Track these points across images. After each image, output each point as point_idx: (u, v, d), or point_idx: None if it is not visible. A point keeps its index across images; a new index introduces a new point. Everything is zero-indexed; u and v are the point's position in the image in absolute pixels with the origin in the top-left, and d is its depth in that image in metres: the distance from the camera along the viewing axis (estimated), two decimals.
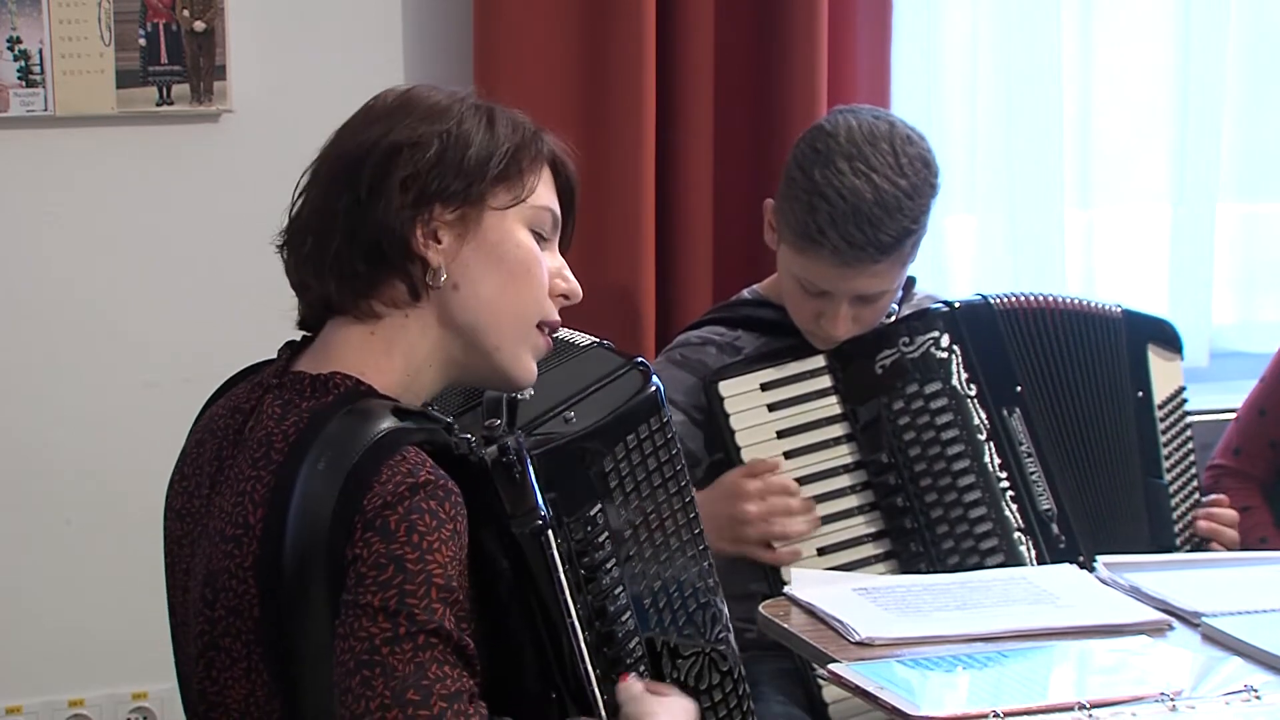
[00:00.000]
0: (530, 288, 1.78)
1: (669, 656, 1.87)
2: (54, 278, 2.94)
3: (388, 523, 1.57)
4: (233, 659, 1.67)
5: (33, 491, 2.96)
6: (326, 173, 1.76)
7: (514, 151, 1.77)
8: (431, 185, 1.72)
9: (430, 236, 1.72)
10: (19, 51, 2.82)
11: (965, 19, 3.34)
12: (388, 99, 1.79)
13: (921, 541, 2.48)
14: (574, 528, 1.77)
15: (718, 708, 1.92)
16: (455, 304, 1.74)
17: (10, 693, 2.95)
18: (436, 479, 1.61)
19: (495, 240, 1.75)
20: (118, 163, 2.93)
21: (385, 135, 1.73)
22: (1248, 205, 3.57)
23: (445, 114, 1.75)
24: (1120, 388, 2.65)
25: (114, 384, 2.96)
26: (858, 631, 2.12)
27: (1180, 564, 2.50)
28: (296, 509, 1.60)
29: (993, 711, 1.89)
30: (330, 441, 1.62)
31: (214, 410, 1.82)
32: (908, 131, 2.50)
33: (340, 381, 1.70)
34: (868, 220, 2.41)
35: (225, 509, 1.69)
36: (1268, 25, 3.49)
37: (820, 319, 2.50)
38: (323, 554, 1.58)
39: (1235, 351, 3.52)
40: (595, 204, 3.01)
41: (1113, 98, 3.46)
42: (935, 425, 2.51)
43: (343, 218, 1.72)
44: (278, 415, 1.70)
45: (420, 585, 1.57)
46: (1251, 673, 2.05)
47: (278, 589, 1.61)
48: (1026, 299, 2.62)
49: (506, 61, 2.95)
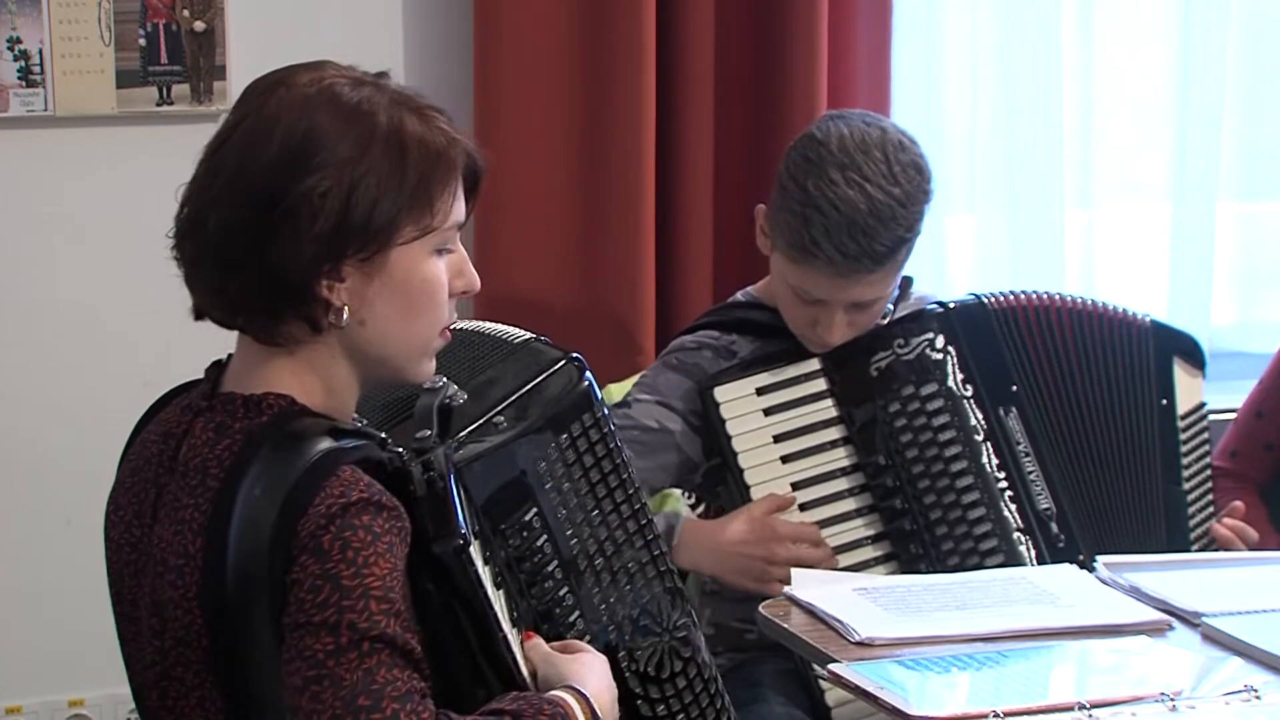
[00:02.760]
0: (434, 313, 1.75)
1: (625, 649, 1.87)
2: (54, 277, 2.94)
3: (321, 543, 1.58)
4: (186, 688, 1.67)
5: (33, 491, 2.96)
6: (231, 195, 1.68)
7: (423, 183, 1.70)
8: (343, 236, 1.67)
9: (335, 278, 1.69)
10: (19, 51, 2.82)
11: (965, 19, 3.35)
12: (298, 93, 1.69)
13: (921, 543, 2.48)
14: (510, 534, 1.77)
15: (682, 694, 1.91)
16: (361, 338, 1.72)
17: (10, 693, 2.95)
18: (370, 496, 1.61)
19: (401, 277, 1.71)
20: (118, 163, 2.93)
21: (292, 178, 1.65)
22: (1247, 205, 3.57)
23: (359, 134, 1.67)
24: (1144, 393, 2.63)
25: (113, 383, 2.96)
26: (858, 632, 2.12)
27: (1180, 564, 2.50)
28: (236, 535, 1.60)
29: (993, 711, 1.89)
30: (266, 466, 1.62)
31: (144, 437, 1.80)
32: (900, 137, 2.47)
33: (274, 402, 1.69)
34: (862, 231, 2.39)
35: (166, 538, 1.68)
36: (1267, 25, 3.49)
37: (816, 326, 2.49)
38: (264, 579, 1.58)
39: (1234, 351, 3.52)
40: (595, 205, 3.02)
41: (1113, 98, 3.47)
42: (932, 427, 2.50)
43: (249, 255, 1.67)
44: (211, 439, 1.69)
45: (359, 599, 1.57)
46: (1251, 673, 2.04)
47: (222, 617, 1.61)
48: (1022, 297, 2.61)
49: (507, 62, 2.96)
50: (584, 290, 3.04)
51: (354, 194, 1.67)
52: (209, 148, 1.74)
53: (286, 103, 1.70)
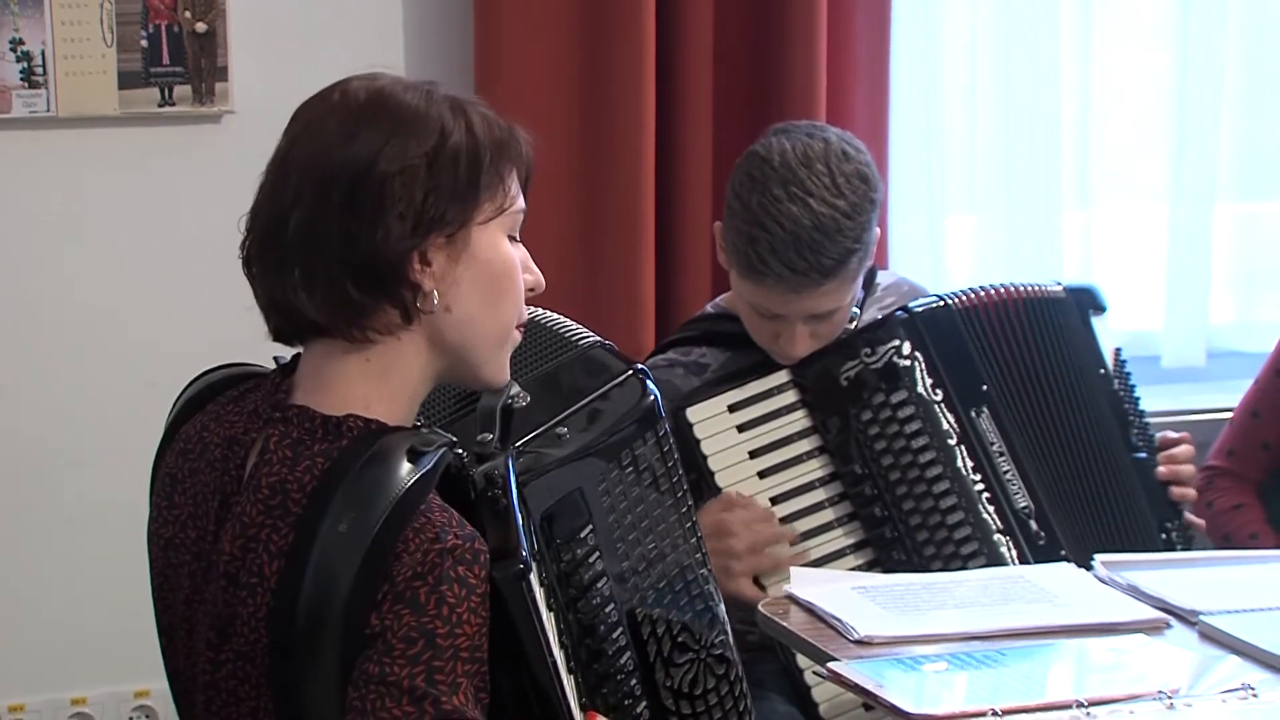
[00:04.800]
0: (513, 298, 1.75)
1: (662, 666, 1.85)
2: (56, 277, 2.94)
3: (418, 595, 1.56)
4: (237, 698, 1.66)
5: (33, 491, 2.96)
6: (312, 189, 1.68)
7: (494, 162, 1.72)
8: (428, 214, 1.68)
9: (423, 261, 1.69)
10: (21, 53, 2.83)
11: (965, 20, 3.35)
12: (358, 95, 1.71)
13: (903, 549, 2.47)
14: (564, 549, 1.74)
15: (713, 710, 1.91)
16: (447, 326, 1.71)
17: (13, 691, 2.96)
18: (462, 541, 1.59)
19: (484, 258, 1.72)
20: (120, 163, 2.94)
21: (376, 156, 1.67)
22: (1245, 205, 3.58)
23: (425, 123, 1.70)
24: (1086, 370, 2.62)
25: (115, 384, 2.97)
26: (857, 630, 2.12)
27: (1177, 563, 2.50)
28: (315, 568, 1.58)
29: (991, 710, 1.90)
30: (351, 499, 1.60)
31: (199, 432, 1.78)
32: (844, 146, 2.46)
33: (353, 424, 1.66)
34: (808, 246, 2.39)
35: (234, 553, 1.66)
36: (1265, 26, 3.49)
37: (778, 339, 2.49)
38: (339, 618, 1.57)
39: (1232, 351, 3.53)
40: (596, 205, 3.02)
41: (1111, 99, 3.47)
42: (905, 434, 2.49)
43: (337, 245, 1.67)
44: (288, 459, 1.66)
45: (448, 661, 1.56)
46: (1248, 671, 2.05)
47: (288, 644, 1.60)
48: (982, 293, 2.59)
49: (507, 62, 2.96)
50: (584, 290, 3.04)
51: (435, 170, 1.68)
52: (273, 160, 1.74)
53: (351, 96, 1.72)
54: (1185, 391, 3.41)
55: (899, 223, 3.28)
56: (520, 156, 1.77)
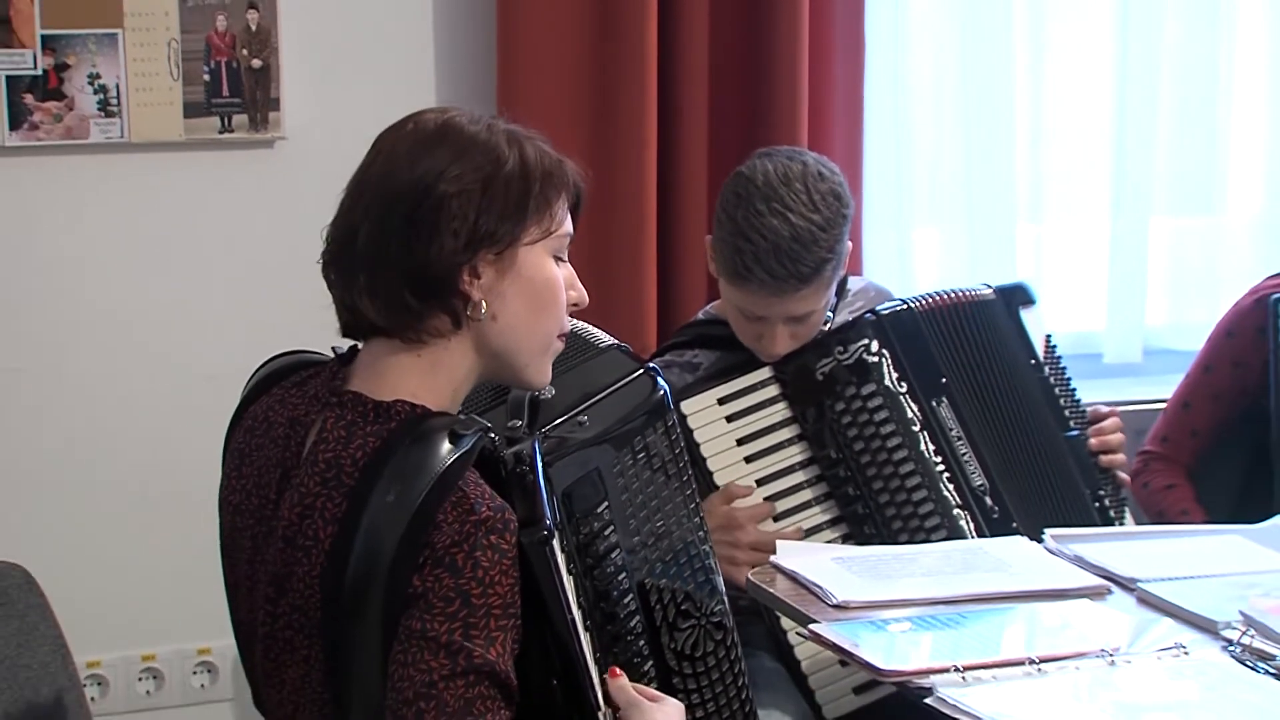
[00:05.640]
0: (554, 312, 1.76)
1: (667, 630, 1.86)
2: (125, 283, 2.94)
3: (455, 560, 1.57)
4: (293, 646, 1.68)
5: (112, 472, 2.97)
6: (379, 206, 1.71)
7: (543, 190, 1.74)
8: (479, 232, 1.69)
9: (473, 275, 1.70)
10: (98, 86, 2.84)
11: (930, 53, 3.35)
12: (428, 125, 1.73)
13: (874, 524, 2.48)
14: (582, 523, 1.75)
15: (711, 671, 1.92)
16: (492, 333, 1.72)
17: (91, 649, 2.96)
18: (494, 513, 1.60)
19: (529, 275, 1.73)
20: (185, 184, 2.94)
21: (436, 179, 1.68)
22: (1178, 219, 3.58)
23: (485, 151, 1.71)
24: (1018, 361, 2.63)
25: (181, 378, 2.97)
26: (835, 595, 2.13)
27: (1118, 536, 2.51)
28: (364, 534, 1.59)
29: (953, 665, 1.91)
30: (398, 474, 1.61)
31: (265, 411, 1.79)
32: (819, 168, 2.48)
33: (401, 409, 1.68)
34: (787, 255, 2.41)
35: (292, 519, 1.67)
36: (1194, 62, 3.50)
37: (761, 339, 2.50)
38: (384, 578, 1.58)
39: (1166, 349, 3.53)
40: (601, 211, 3.01)
41: (1059, 125, 3.47)
42: (874, 422, 2.50)
43: (397, 255, 1.69)
44: (343, 438, 1.67)
45: (482, 618, 1.57)
46: (1180, 632, 2.06)
47: (337, 602, 1.61)
48: (938, 298, 2.60)
49: (525, 97, 2.94)
50: (594, 297, 3.01)
51: (488, 194, 1.69)
52: (352, 181, 1.75)
53: (420, 126, 1.74)
54: (1124, 385, 3.41)
55: (872, 234, 3.28)
56: (569, 185, 1.78)
